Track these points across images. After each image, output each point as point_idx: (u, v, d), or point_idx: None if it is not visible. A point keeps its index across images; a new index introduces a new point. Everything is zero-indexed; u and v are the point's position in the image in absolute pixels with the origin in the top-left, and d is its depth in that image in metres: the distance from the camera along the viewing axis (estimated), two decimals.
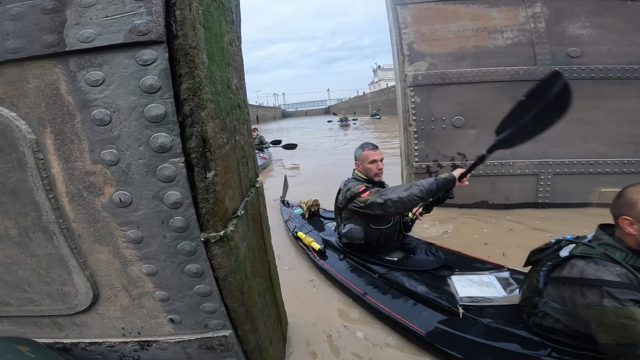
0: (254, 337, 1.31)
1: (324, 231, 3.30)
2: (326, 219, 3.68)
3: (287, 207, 4.38)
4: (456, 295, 1.93)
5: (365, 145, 2.46)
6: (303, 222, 3.65)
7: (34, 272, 1.10)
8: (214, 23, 1.09)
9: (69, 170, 0.95)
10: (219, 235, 1.02)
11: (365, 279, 2.34)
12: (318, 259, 2.78)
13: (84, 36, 0.85)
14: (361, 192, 2.27)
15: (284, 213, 4.18)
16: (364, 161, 2.42)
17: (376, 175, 2.41)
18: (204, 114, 0.94)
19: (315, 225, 3.50)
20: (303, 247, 3.14)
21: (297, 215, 3.87)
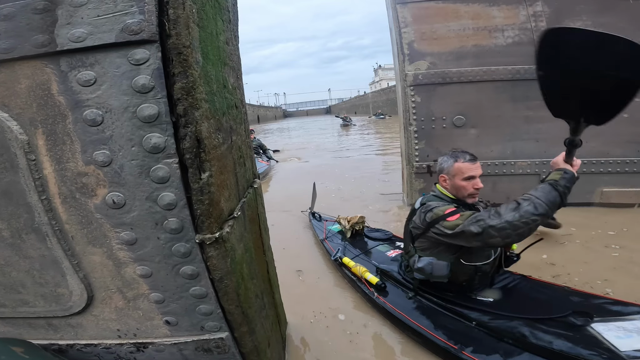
0: (250, 339, 1.30)
1: (372, 256, 2.71)
2: (373, 240, 3.04)
3: (319, 222, 3.77)
4: (616, 350, 1.43)
5: (458, 155, 1.85)
6: (344, 242, 3.06)
7: (27, 274, 1.09)
8: (209, 22, 1.07)
9: (61, 172, 0.94)
10: (214, 237, 1.00)
11: (454, 327, 1.78)
12: (376, 296, 2.19)
13: (75, 36, 0.84)
14: (448, 215, 1.71)
15: (317, 229, 3.59)
16: (456, 176, 1.83)
17: (471, 196, 1.83)
18: (198, 114, 0.93)
19: (360, 247, 2.90)
20: (351, 278, 2.53)
21: (335, 234, 3.31)
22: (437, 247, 1.85)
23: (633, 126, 3.51)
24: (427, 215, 1.80)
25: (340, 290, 2.61)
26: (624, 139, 3.55)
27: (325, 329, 2.16)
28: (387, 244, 2.86)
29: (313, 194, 4.32)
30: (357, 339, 2.04)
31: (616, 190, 3.60)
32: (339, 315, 2.28)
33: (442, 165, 1.90)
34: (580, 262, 2.65)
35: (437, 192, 1.93)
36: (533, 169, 3.74)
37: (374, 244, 2.90)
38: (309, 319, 2.26)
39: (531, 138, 3.73)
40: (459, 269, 1.82)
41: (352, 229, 3.16)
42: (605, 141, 3.59)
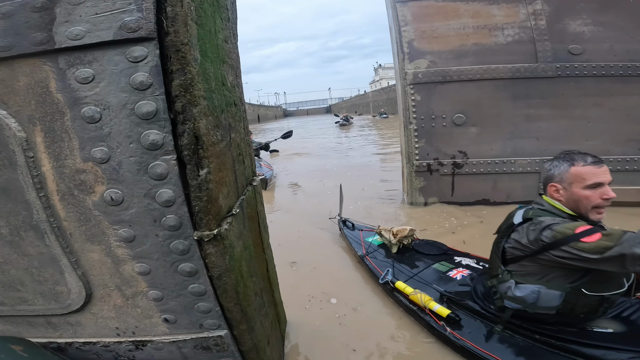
0: (250, 337, 1.30)
1: (429, 276, 2.24)
2: (425, 255, 2.55)
3: (352, 231, 3.27)
4: None
5: (575, 157, 1.50)
6: (391, 260, 2.56)
7: (26, 272, 1.09)
8: (207, 20, 1.07)
9: (59, 169, 0.94)
10: (212, 233, 1.00)
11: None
12: (449, 331, 1.75)
13: (73, 33, 0.84)
14: (581, 234, 1.34)
15: (353, 242, 3.05)
16: (574, 184, 1.47)
17: (597, 209, 1.46)
18: (197, 111, 0.93)
19: (411, 265, 2.43)
20: (408, 306, 2.05)
21: (377, 248, 2.81)
22: (549, 272, 1.49)
23: (633, 124, 3.52)
24: (543, 234, 1.42)
25: (395, 321, 2.09)
26: (624, 137, 3.55)
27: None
28: (445, 262, 2.38)
29: (340, 198, 3.76)
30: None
31: (617, 188, 3.58)
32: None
33: (551, 172, 1.56)
34: None
35: (547, 205, 1.57)
36: (533, 167, 3.74)
37: (429, 262, 2.43)
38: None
39: (532, 136, 3.73)
40: (577, 299, 1.45)
41: (399, 243, 2.66)
42: (606, 139, 3.59)
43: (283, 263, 2.83)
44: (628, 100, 3.50)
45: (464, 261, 2.37)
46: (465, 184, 3.98)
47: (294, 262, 3.04)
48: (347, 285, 2.57)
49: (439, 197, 4.08)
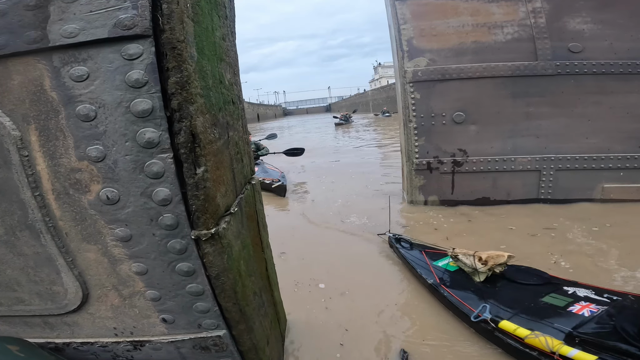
0: (249, 337, 1.29)
1: (542, 313, 1.79)
2: (526, 286, 2.08)
3: (410, 251, 2.76)
4: None
5: None
6: (477, 290, 2.10)
7: (22, 272, 1.08)
8: (204, 17, 1.06)
9: (54, 167, 0.93)
10: (210, 232, 0.99)
11: None
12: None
13: (67, 31, 0.83)
14: None
15: (417, 265, 2.53)
16: None
17: None
18: (193, 109, 0.92)
19: (510, 297, 1.97)
20: (521, 350, 1.64)
21: (450, 274, 2.32)
22: None
23: (633, 122, 3.51)
24: None
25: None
26: (624, 135, 3.54)
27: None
28: (556, 294, 1.95)
29: (389, 211, 3.25)
30: None
31: (617, 186, 3.59)
32: None
33: None
34: None
35: None
36: (533, 165, 3.73)
37: (534, 294, 1.97)
38: None
39: (531, 134, 3.72)
40: None
41: (490, 270, 2.15)
42: (606, 137, 3.58)
43: (327, 293, 2.45)
44: (628, 98, 3.49)
45: (579, 292, 1.93)
46: (465, 182, 3.97)
47: (343, 293, 2.45)
48: (425, 327, 2.05)
49: (438, 195, 4.07)
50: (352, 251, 3.19)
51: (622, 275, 2.36)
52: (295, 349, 1.93)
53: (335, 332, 2.03)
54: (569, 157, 3.65)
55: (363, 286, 2.53)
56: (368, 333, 2.00)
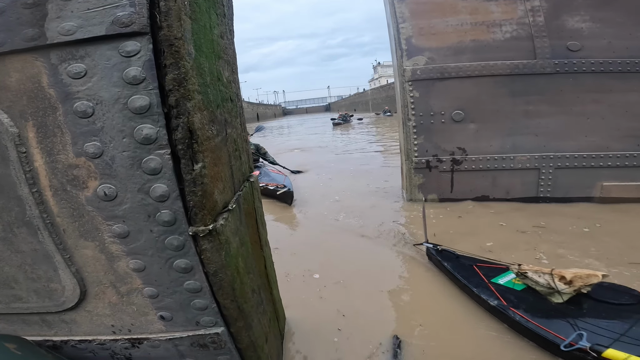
0: (247, 335, 1.29)
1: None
2: (619, 307, 1.82)
3: (457, 264, 2.45)
4: None
5: None
6: (558, 312, 1.83)
7: (19, 269, 1.08)
8: (202, 15, 1.06)
9: (52, 164, 0.93)
10: (207, 229, 0.99)
11: None
12: None
13: (65, 29, 0.83)
14: None
15: (472, 284, 2.21)
16: None
17: None
18: (191, 105, 0.92)
19: (603, 320, 1.73)
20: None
21: (517, 293, 2.04)
22: None
23: (632, 121, 3.51)
24: None
25: None
26: (623, 133, 3.54)
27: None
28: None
29: (423, 219, 2.95)
30: None
31: (616, 184, 3.59)
32: None
33: None
34: None
35: None
36: (533, 164, 3.73)
37: (634, 314, 1.74)
38: None
39: (530, 132, 3.72)
40: None
41: (575, 291, 1.87)
42: (605, 135, 3.58)
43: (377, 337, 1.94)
44: (627, 96, 3.49)
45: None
46: (464, 180, 3.97)
47: (408, 337, 1.92)
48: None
49: (438, 194, 4.08)
50: (392, 264, 2.84)
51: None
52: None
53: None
54: (568, 155, 3.66)
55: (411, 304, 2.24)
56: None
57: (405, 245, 3.12)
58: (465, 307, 2.14)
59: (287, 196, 4.66)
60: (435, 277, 2.53)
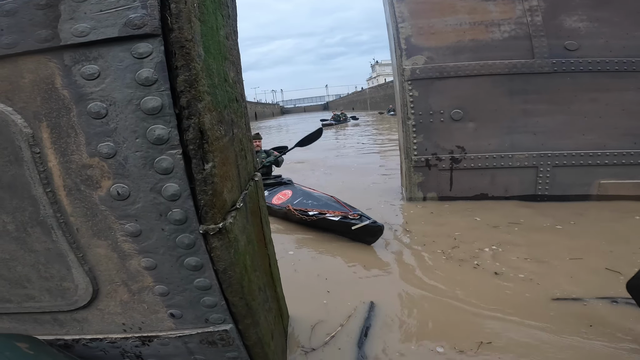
0: (254, 331, 1.31)
1: None
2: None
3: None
4: None
5: None
6: None
7: (32, 268, 1.10)
8: (209, 16, 1.08)
9: (65, 164, 0.95)
10: (217, 227, 1.01)
11: None
12: None
13: (78, 30, 0.84)
14: None
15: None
16: None
17: None
18: (201, 106, 0.94)
19: None
20: None
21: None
22: None
23: (629, 119, 3.55)
24: None
25: None
26: (620, 131, 3.58)
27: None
28: None
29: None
30: None
31: (613, 182, 3.63)
32: None
33: None
34: None
35: None
36: (531, 162, 3.77)
37: None
38: None
39: (528, 131, 3.76)
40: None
41: None
42: (602, 134, 3.62)
43: None
44: (623, 95, 3.53)
45: None
46: (463, 178, 4.00)
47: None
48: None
49: (437, 192, 4.11)
50: None
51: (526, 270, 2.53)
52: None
53: None
54: (566, 153, 3.70)
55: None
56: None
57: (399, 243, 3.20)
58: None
59: (373, 232, 3.00)
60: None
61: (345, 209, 3.24)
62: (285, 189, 4.22)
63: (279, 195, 4.11)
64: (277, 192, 4.23)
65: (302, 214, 3.43)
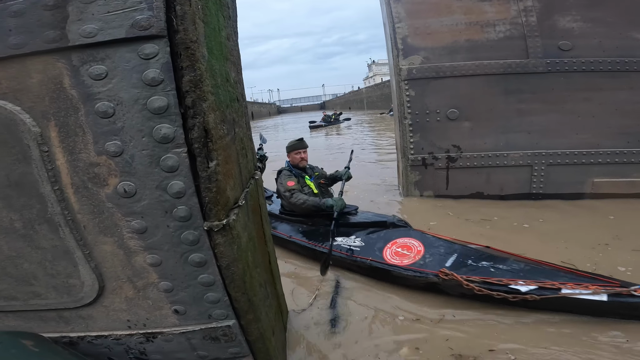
0: (256, 327, 1.33)
1: None
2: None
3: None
4: None
5: None
6: None
7: (39, 265, 1.11)
8: (212, 18, 1.10)
9: (73, 162, 0.97)
10: (221, 224, 1.04)
11: None
12: None
13: (86, 31, 0.87)
14: None
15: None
16: None
17: None
18: (206, 106, 0.96)
19: None
20: None
21: None
22: None
23: (622, 118, 3.60)
24: None
25: None
26: (614, 130, 3.63)
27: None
28: None
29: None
30: None
31: (607, 180, 3.68)
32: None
33: None
34: None
35: None
36: (525, 161, 3.81)
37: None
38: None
39: (523, 130, 3.80)
40: None
41: None
42: (596, 133, 3.66)
43: None
44: (617, 94, 3.58)
45: None
46: (459, 177, 4.04)
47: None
48: None
49: (434, 190, 4.14)
50: None
51: None
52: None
53: None
54: (560, 152, 3.74)
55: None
56: None
57: None
58: None
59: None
60: None
61: (586, 277, 1.99)
62: (403, 236, 2.58)
63: (398, 249, 2.48)
64: (384, 239, 2.59)
65: (499, 289, 1.96)
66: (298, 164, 3.35)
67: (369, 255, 2.46)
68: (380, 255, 2.44)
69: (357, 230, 2.78)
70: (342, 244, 2.68)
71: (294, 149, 3.38)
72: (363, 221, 2.88)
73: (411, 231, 2.64)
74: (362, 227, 2.81)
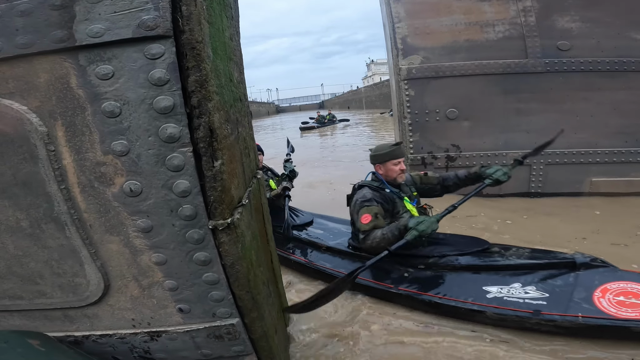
0: (260, 325, 1.34)
1: None
2: None
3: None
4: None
5: None
6: None
7: (45, 264, 1.12)
8: (216, 18, 1.11)
9: (80, 161, 0.97)
10: (226, 222, 1.05)
11: None
12: None
13: (93, 31, 0.87)
14: None
15: None
16: None
17: None
18: (211, 105, 0.97)
19: None
20: None
21: None
22: None
23: (620, 118, 3.62)
24: None
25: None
26: (612, 130, 3.66)
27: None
28: None
29: None
30: None
31: (605, 179, 3.70)
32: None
33: None
34: None
35: None
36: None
37: None
38: None
39: (522, 130, 3.82)
40: None
41: None
42: (594, 133, 3.69)
43: None
44: (615, 94, 3.60)
45: None
46: None
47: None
48: None
49: None
50: None
51: None
52: None
53: None
54: (558, 151, 3.76)
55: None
56: None
57: None
58: None
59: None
60: None
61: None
62: (612, 280, 1.84)
63: (618, 297, 1.70)
64: (583, 286, 1.81)
65: None
66: (396, 178, 2.37)
67: (568, 310, 1.68)
68: (595, 309, 1.66)
69: (510, 273, 2.03)
70: (509, 297, 1.85)
71: (390, 157, 2.35)
72: (525, 262, 2.08)
73: (621, 272, 1.86)
74: (519, 269, 2.05)
